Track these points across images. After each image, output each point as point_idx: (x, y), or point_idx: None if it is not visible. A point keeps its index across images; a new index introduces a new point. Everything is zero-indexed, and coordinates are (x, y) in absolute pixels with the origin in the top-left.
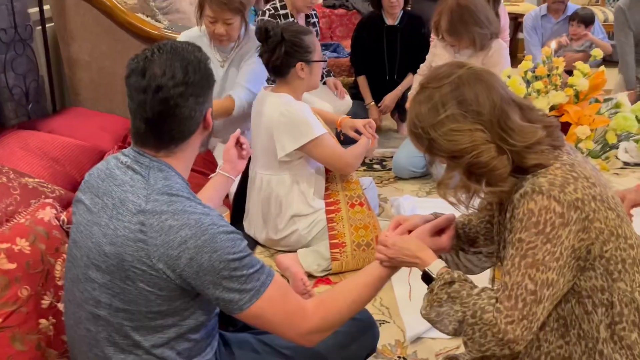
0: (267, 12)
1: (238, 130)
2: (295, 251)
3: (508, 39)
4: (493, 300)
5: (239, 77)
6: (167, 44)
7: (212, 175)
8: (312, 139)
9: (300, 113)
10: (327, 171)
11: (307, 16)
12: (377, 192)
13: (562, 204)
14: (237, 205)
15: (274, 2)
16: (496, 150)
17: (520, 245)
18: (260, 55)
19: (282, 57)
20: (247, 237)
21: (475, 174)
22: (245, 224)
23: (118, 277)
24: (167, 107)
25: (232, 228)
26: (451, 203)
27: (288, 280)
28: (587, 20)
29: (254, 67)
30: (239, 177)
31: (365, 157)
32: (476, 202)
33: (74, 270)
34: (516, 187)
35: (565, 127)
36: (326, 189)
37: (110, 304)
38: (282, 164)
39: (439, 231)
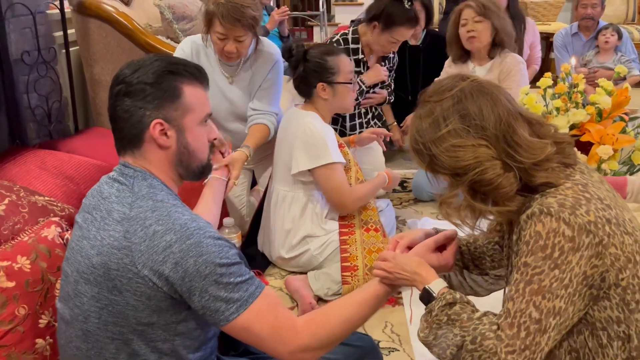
0: (336, 43)
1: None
2: (306, 273)
3: (539, 54)
4: (495, 327)
5: (264, 105)
6: (153, 55)
7: (205, 180)
8: (325, 164)
9: (322, 135)
10: None
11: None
12: (395, 214)
13: (573, 227)
14: (256, 224)
15: (346, 33)
16: (502, 167)
17: (525, 270)
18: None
19: (301, 76)
20: (260, 255)
21: (480, 193)
22: (259, 239)
23: (105, 287)
24: (110, 104)
25: (219, 235)
26: (454, 224)
27: (297, 304)
28: (619, 32)
29: (272, 89)
30: (260, 196)
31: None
32: (485, 223)
33: (65, 287)
34: (524, 208)
35: (587, 146)
36: None
37: (99, 317)
38: (298, 182)
39: (440, 248)
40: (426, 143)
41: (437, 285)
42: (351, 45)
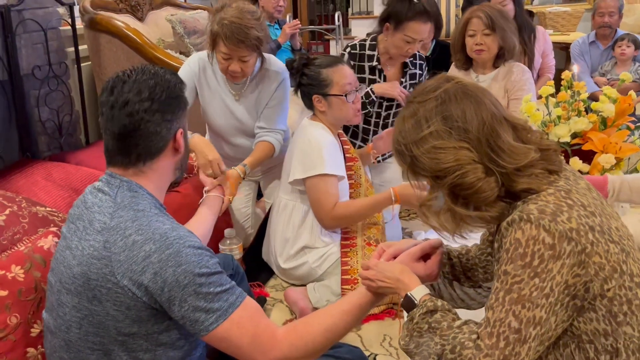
0: (351, 47)
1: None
2: (305, 285)
3: (553, 63)
4: (474, 336)
5: (270, 123)
6: (142, 67)
7: (201, 200)
8: (316, 174)
9: (319, 145)
10: None
11: (405, 65)
12: (402, 226)
13: (553, 235)
14: (262, 234)
15: (365, 39)
16: (483, 171)
17: (505, 278)
18: None
19: (297, 88)
20: (264, 266)
21: (461, 197)
22: (263, 249)
23: (85, 297)
24: (133, 121)
25: (200, 244)
26: (434, 228)
27: (296, 316)
28: (636, 42)
29: (279, 108)
30: (265, 208)
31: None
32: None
33: (50, 297)
34: (506, 215)
35: (591, 155)
36: None
37: (80, 327)
38: (296, 191)
39: (426, 257)
40: (408, 144)
41: (419, 292)
42: (367, 52)
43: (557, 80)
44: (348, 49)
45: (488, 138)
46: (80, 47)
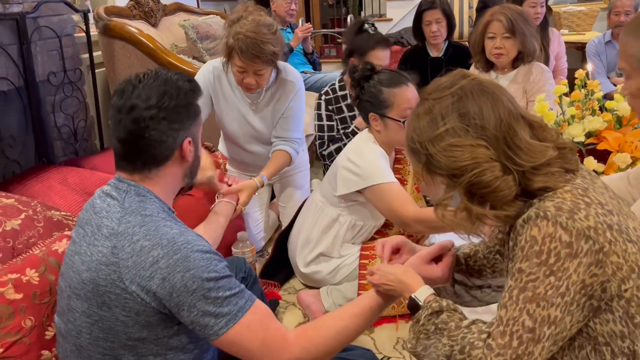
0: (324, 94)
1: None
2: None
3: (565, 65)
4: (484, 335)
5: (286, 132)
6: (156, 71)
7: (213, 205)
8: (375, 184)
9: (369, 157)
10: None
11: None
12: None
13: (570, 232)
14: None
15: (334, 83)
16: (501, 170)
17: (519, 276)
18: None
19: (355, 100)
20: (285, 265)
21: (478, 196)
22: (289, 243)
23: (95, 303)
24: (138, 128)
25: (209, 247)
26: (449, 227)
27: (309, 319)
28: None
29: (294, 117)
30: (278, 210)
31: None
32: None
33: (61, 302)
34: (522, 212)
35: (606, 155)
36: (372, 238)
37: (90, 332)
38: (333, 199)
39: (436, 259)
40: (423, 142)
41: (423, 293)
42: (339, 93)
43: (572, 81)
44: (323, 97)
45: (505, 135)
46: (94, 54)
